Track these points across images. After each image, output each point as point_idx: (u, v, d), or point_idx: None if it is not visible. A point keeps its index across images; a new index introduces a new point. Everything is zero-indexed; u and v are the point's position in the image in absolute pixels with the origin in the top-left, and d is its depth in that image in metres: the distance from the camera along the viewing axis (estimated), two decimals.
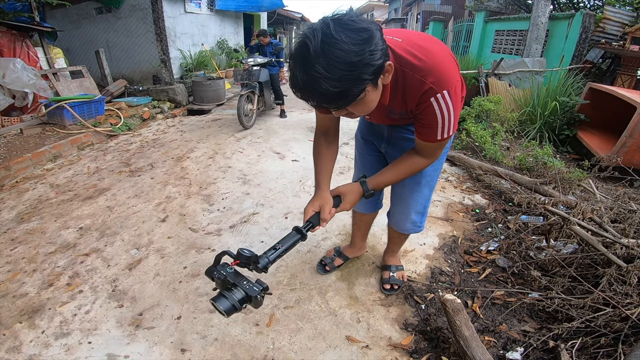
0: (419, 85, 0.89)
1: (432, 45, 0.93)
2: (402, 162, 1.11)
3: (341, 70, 0.71)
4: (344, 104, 0.79)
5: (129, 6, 5.35)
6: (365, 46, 0.71)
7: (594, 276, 1.52)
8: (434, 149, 1.06)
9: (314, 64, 0.71)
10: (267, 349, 1.35)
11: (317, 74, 0.71)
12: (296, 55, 0.74)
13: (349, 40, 0.70)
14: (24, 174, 2.87)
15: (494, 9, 8.15)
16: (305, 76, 0.73)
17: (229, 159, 3.25)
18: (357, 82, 0.74)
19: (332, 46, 0.70)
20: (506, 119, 3.65)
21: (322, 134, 1.24)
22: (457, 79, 0.92)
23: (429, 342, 1.39)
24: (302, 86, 0.75)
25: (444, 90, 0.89)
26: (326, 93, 0.73)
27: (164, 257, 1.86)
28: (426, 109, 0.92)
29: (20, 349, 1.33)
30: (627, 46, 4.47)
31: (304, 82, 0.74)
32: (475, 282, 1.71)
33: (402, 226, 1.48)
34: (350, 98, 0.77)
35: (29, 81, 3.61)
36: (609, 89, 3.31)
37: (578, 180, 2.59)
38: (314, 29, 0.73)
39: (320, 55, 0.70)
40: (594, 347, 1.23)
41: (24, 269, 1.76)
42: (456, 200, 2.52)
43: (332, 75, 0.71)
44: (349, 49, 0.70)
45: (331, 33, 0.70)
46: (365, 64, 0.72)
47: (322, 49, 0.70)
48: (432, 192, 1.41)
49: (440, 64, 0.90)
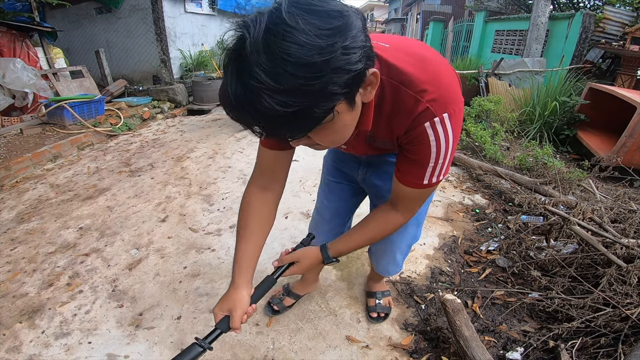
0: (413, 105, 0.64)
1: (430, 54, 0.70)
2: (371, 220, 0.87)
3: (295, 76, 0.45)
4: (301, 130, 0.53)
5: (129, 6, 5.34)
6: (337, 39, 0.47)
7: (594, 276, 1.52)
8: (415, 199, 0.80)
9: (251, 68, 0.46)
10: (267, 349, 1.35)
11: (256, 83, 0.46)
12: (227, 56, 0.50)
13: (310, 28, 0.45)
14: (24, 174, 2.87)
15: (494, 9, 8.15)
16: (239, 87, 0.48)
17: (229, 159, 3.25)
18: (322, 96, 0.48)
19: (281, 38, 0.45)
20: (506, 119, 3.65)
21: (260, 180, 0.88)
22: (461, 100, 0.69)
23: (429, 342, 1.39)
24: (234, 102, 0.49)
25: (444, 114, 0.64)
26: (271, 113, 0.47)
27: (164, 257, 1.86)
28: (417, 138, 0.67)
29: (20, 349, 1.33)
30: (627, 46, 4.47)
31: (237, 96, 0.49)
32: (475, 282, 1.71)
33: (384, 269, 1.31)
34: (311, 121, 0.51)
35: (29, 81, 3.61)
36: (609, 89, 3.31)
37: (578, 180, 2.59)
38: (258, 12, 0.48)
39: (262, 52, 0.45)
40: (594, 347, 1.23)
41: (24, 269, 1.76)
42: (456, 200, 2.52)
43: (280, 84, 0.45)
44: (310, 43, 0.45)
45: (282, 17, 0.45)
46: (335, 67, 0.47)
47: (266, 43, 0.45)
48: (421, 230, 1.20)
49: (443, 77, 0.66)
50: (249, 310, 0.82)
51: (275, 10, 0.47)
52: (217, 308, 0.81)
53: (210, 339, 0.78)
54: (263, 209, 0.89)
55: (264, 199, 0.88)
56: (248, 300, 0.82)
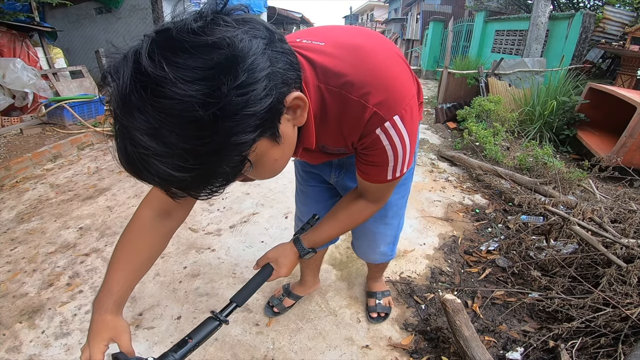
0: (360, 111, 0.58)
1: (371, 44, 0.61)
2: (342, 209, 0.85)
3: (184, 136, 0.37)
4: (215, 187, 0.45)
5: (129, 6, 5.35)
6: (223, 79, 0.37)
7: (594, 276, 1.52)
8: (383, 190, 0.78)
9: (132, 133, 0.38)
10: (267, 349, 1.35)
11: (142, 150, 0.38)
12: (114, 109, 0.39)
13: (182, 75, 0.36)
14: (24, 174, 2.87)
15: (494, 9, 8.15)
16: (127, 153, 0.40)
17: None
18: (226, 151, 0.40)
19: (151, 93, 0.36)
20: (506, 119, 3.66)
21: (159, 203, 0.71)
22: (411, 94, 0.62)
23: (429, 342, 1.39)
24: (128, 168, 0.42)
25: (394, 116, 0.59)
26: (172, 179, 0.40)
27: (164, 257, 1.86)
28: (371, 144, 0.63)
29: (20, 349, 1.33)
30: (627, 46, 4.47)
31: (129, 162, 0.41)
32: (475, 282, 1.71)
33: (370, 257, 1.28)
34: (224, 177, 0.44)
35: (29, 81, 3.61)
36: (609, 89, 3.31)
37: (578, 180, 2.59)
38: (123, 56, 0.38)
39: (135, 113, 0.37)
40: (594, 347, 1.23)
41: (24, 269, 1.76)
42: (456, 200, 2.52)
43: (169, 148, 0.38)
44: (187, 94, 0.36)
45: (147, 64, 0.36)
46: (231, 115, 0.38)
47: (137, 101, 0.36)
48: (403, 219, 1.19)
49: (385, 72, 0.58)
50: None
51: (136, 55, 0.37)
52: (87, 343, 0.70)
53: (226, 313, 0.73)
54: (154, 243, 0.74)
55: (160, 230, 0.73)
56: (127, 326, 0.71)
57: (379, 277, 1.57)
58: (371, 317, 1.49)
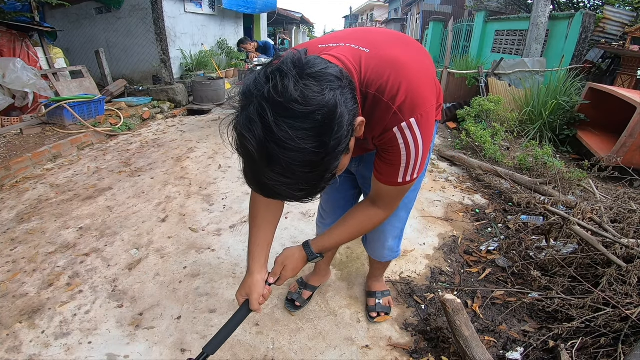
0: (386, 110, 0.70)
1: (406, 58, 0.72)
2: (353, 216, 0.93)
3: (303, 172, 0.56)
4: (317, 193, 0.65)
5: (129, 6, 5.34)
6: (325, 134, 0.54)
7: (594, 276, 1.52)
8: (393, 196, 0.87)
9: (265, 172, 0.57)
10: (267, 349, 1.35)
11: (275, 184, 0.58)
12: (241, 153, 0.58)
13: (297, 135, 0.53)
14: (24, 174, 2.87)
15: (494, 9, 8.16)
16: (261, 184, 0.60)
17: (229, 159, 3.25)
18: (327, 171, 0.59)
19: (280, 147, 0.53)
20: (506, 119, 3.66)
21: None
22: (431, 102, 0.72)
23: (429, 342, 1.39)
24: (260, 192, 0.62)
25: (411, 118, 0.69)
26: (292, 197, 0.61)
27: (164, 257, 1.86)
28: (388, 142, 0.73)
29: (20, 349, 1.33)
30: (627, 46, 4.47)
31: (262, 188, 0.61)
32: (475, 282, 1.71)
33: (379, 254, 1.34)
34: (323, 185, 0.62)
35: (29, 81, 3.61)
36: (609, 89, 3.31)
37: (578, 180, 2.59)
38: (249, 118, 0.54)
39: (267, 160, 0.55)
40: (594, 347, 1.23)
41: (24, 269, 1.76)
42: (456, 200, 2.52)
43: (293, 179, 0.57)
44: (303, 148, 0.53)
45: (271, 129, 0.52)
46: (331, 153, 0.56)
47: (269, 153, 0.54)
48: (409, 214, 1.26)
49: (413, 83, 0.69)
50: (265, 293, 0.93)
51: (265, 118, 0.52)
52: (237, 293, 0.93)
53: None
54: (277, 212, 0.96)
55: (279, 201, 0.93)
56: (263, 284, 0.92)
57: (380, 276, 1.59)
58: (371, 317, 1.49)
